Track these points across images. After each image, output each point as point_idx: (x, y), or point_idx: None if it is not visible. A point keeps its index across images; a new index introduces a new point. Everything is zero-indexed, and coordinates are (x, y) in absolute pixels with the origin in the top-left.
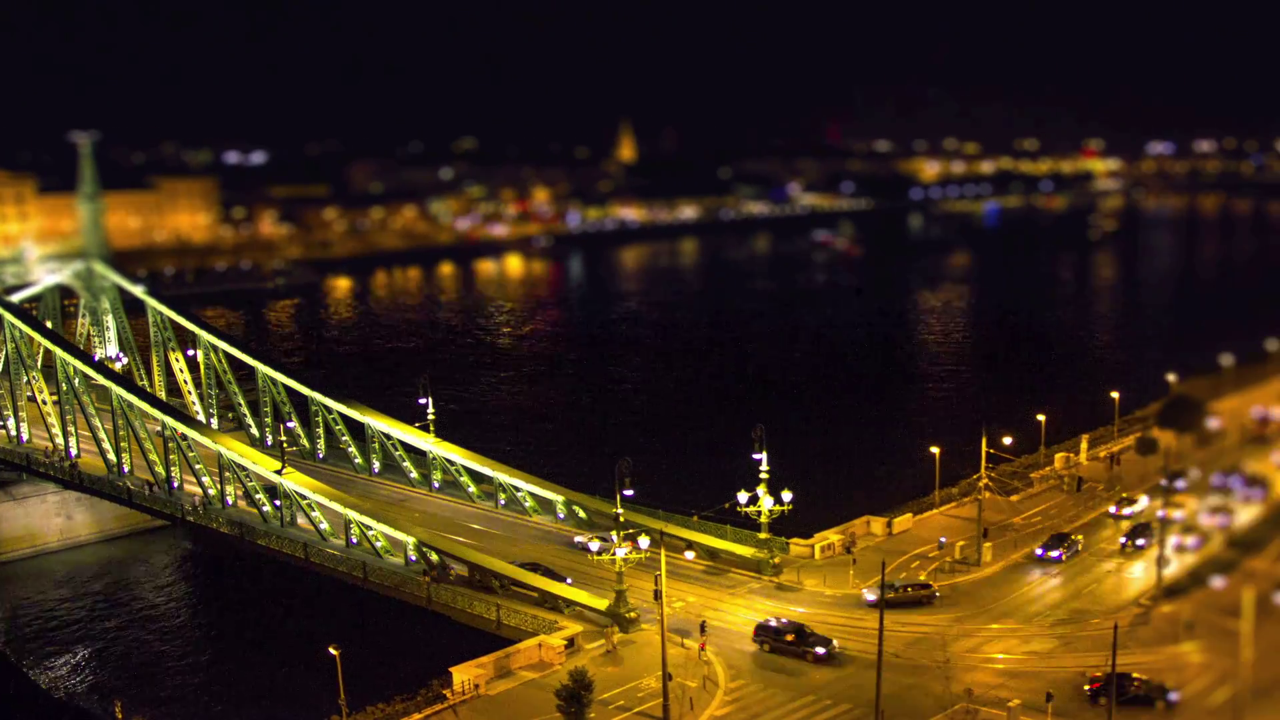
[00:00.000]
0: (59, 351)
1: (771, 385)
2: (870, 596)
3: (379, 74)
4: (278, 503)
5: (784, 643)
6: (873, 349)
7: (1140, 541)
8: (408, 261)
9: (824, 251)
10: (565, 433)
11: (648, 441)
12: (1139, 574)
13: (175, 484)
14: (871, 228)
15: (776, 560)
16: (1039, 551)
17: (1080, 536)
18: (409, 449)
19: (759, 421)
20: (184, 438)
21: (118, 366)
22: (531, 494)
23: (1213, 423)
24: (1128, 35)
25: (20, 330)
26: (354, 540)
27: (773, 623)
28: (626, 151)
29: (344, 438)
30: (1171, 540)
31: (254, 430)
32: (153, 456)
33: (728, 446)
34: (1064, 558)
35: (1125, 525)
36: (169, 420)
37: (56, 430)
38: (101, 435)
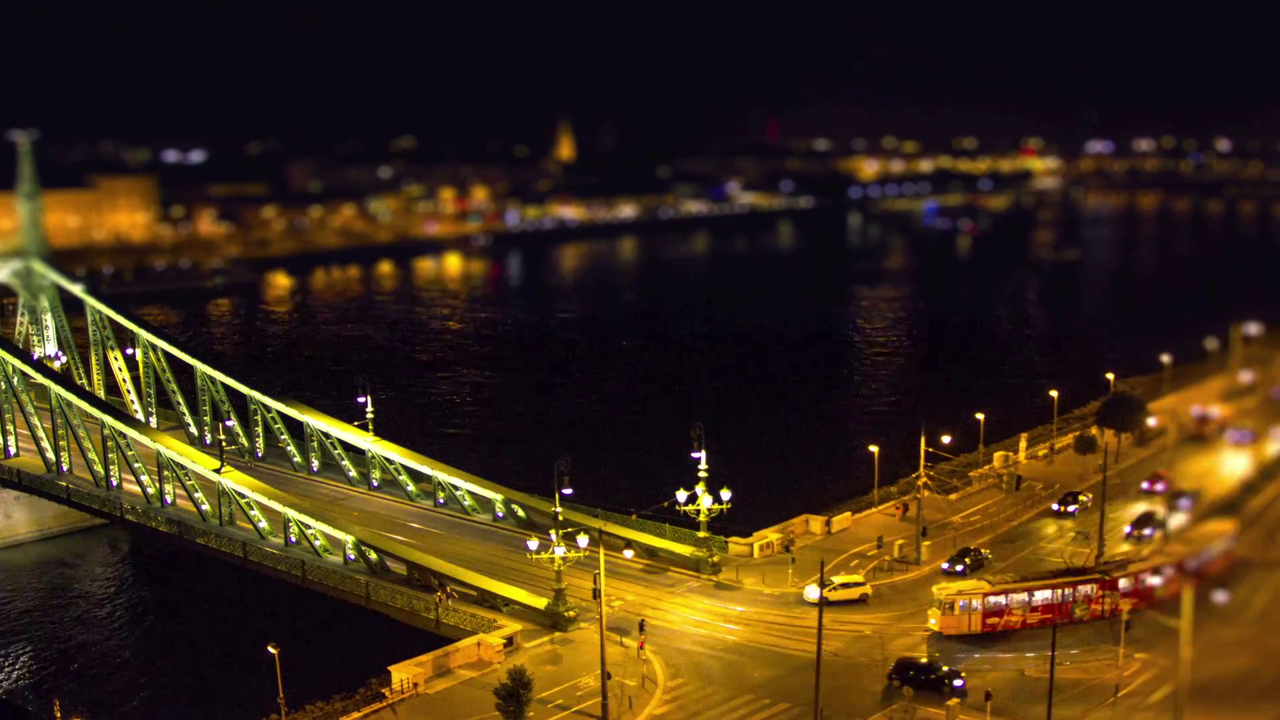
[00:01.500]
0: None
1: (710, 384)
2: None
3: (318, 73)
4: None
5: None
6: (812, 348)
7: (1071, 508)
8: (347, 260)
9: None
10: (504, 431)
11: (587, 440)
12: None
13: (114, 483)
14: (811, 227)
15: (715, 559)
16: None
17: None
18: (348, 447)
19: (698, 420)
20: (123, 436)
21: (56, 365)
22: (470, 493)
23: (1152, 421)
24: (1067, 33)
25: None
26: (293, 539)
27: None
28: (565, 150)
29: (283, 436)
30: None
31: (193, 429)
32: (92, 455)
33: (666, 445)
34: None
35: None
36: (108, 419)
37: None
38: (40, 434)
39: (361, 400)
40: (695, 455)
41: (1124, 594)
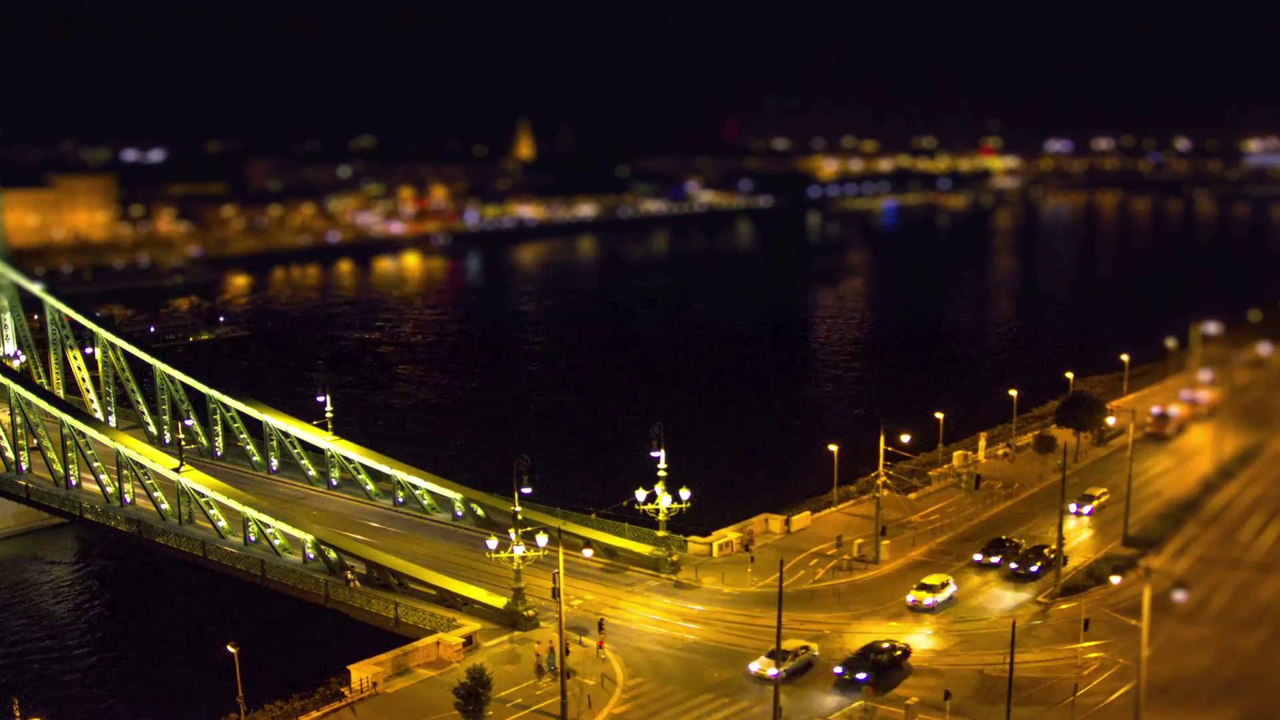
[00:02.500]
0: None
1: (670, 383)
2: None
3: (277, 72)
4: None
5: None
6: (771, 347)
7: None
8: (306, 259)
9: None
10: (463, 431)
11: (546, 439)
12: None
13: (74, 482)
14: (770, 226)
15: (675, 558)
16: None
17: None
18: (307, 447)
19: (657, 419)
20: (82, 435)
21: (16, 364)
22: (429, 492)
23: (1111, 420)
24: (1026, 33)
25: None
26: (252, 538)
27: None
28: (524, 149)
29: (242, 436)
30: None
31: (152, 428)
32: (51, 455)
33: (626, 444)
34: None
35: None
36: (67, 418)
37: None
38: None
39: (320, 399)
40: (654, 454)
41: None
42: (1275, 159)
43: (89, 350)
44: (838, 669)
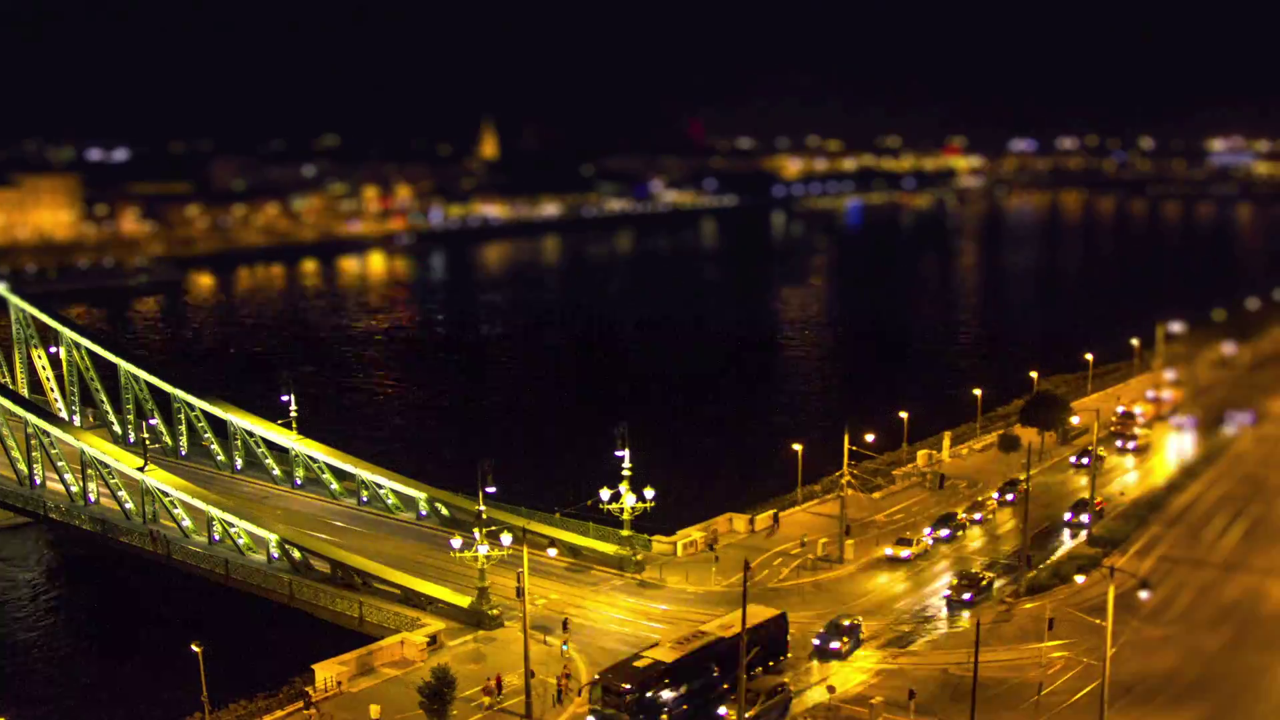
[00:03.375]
0: None
1: (634, 382)
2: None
3: (241, 71)
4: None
5: None
6: (736, 346)
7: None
8: (271, 258)
9: None
10: (428, 430)
11: (510, 439)
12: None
13: (38, 481)
14: (735, 225)
15: (639, 557)
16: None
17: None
18: (271, 446)
19: (621, 419)
20: (46, 435)
21: None
22: (394, 491)
23: (1074, 419)
24: (989, 32)
25: None
26: (216, 537)
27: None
28: (489, 149)
29: (206, 435)
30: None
31: (116, 427)
32: (15, 454)
33: (590, 444)
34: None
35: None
36: (31, 417)
37: None
38: None
39: (285, 398)
40: (619, 454)
41: None
42: (1239, 158)
43: (53, 349)
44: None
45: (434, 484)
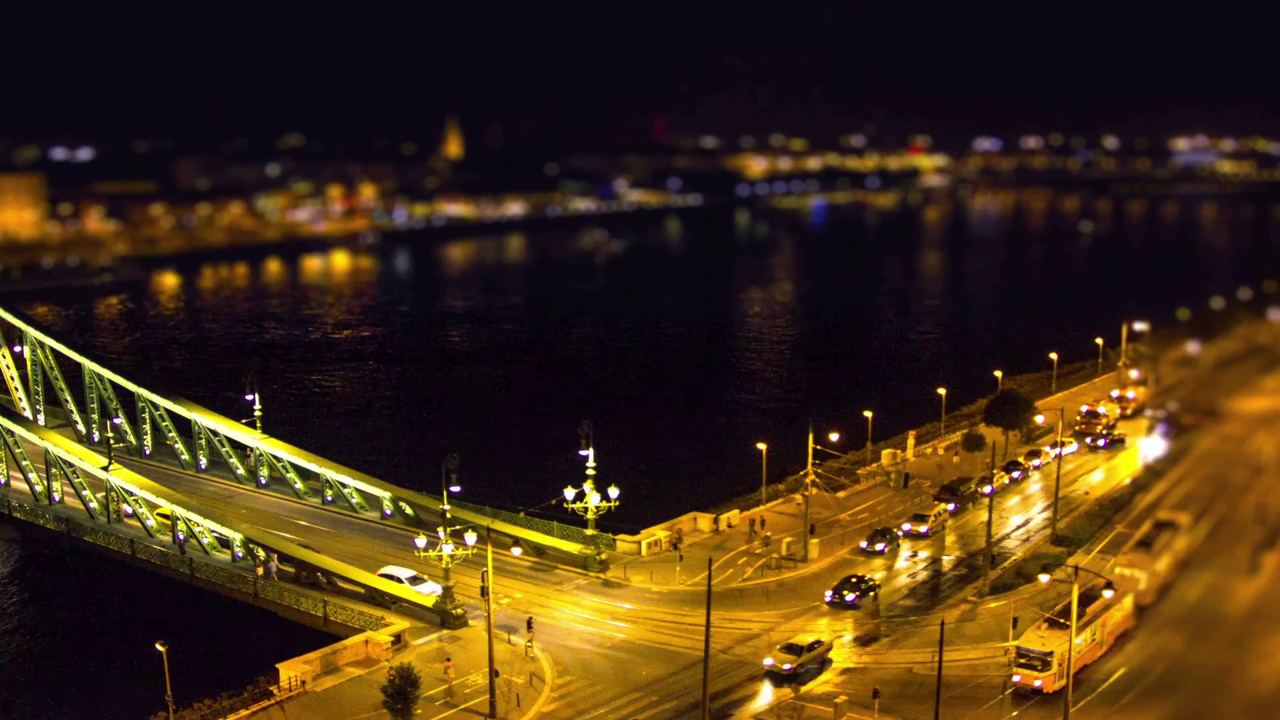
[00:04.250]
0: None
1: (598, 381)
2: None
3: (205, 70)
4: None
5: None
6: (700, 345)
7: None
8: (235, 258)
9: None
10: (392, 429)
11: (475, 438)
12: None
13: (2, 480)
14: (699, 224)
15: (603, 557)
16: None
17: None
18: (236, 445)
19: (586, 418)
20: (11, 434)
21: None
22: (358, 490)
23: (1039, 418)
24: (954, 30)
25: None
26: (181, 537)
27: None
28: (453, 148)
29: (171, 434)
30: None
31: (81, 426)
32: None
33: (554, 443)
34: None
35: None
36: None
37: None
38: None
39: (249, 397)
40: (583, 453)
41: None
42: (1203, 157)
43: (17, 349)
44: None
45: (398, 483)
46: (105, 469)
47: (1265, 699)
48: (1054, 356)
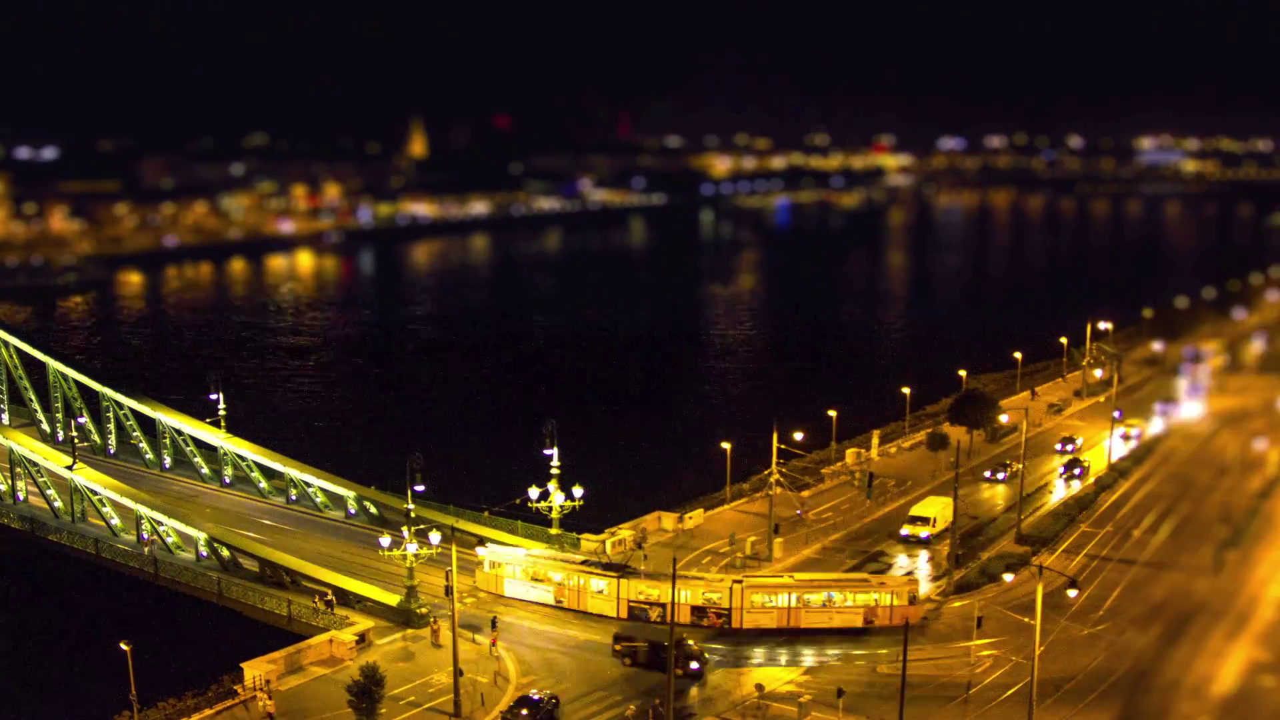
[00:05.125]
0: None
1: (563, 381)
2: None
3: (170, 69)
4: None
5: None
6: (665, 345)
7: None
8: (200, 257)
9: None
10: (357, 428)
11: (439, 437)
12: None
13: None
14: (664, 224)
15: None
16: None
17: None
18: (200, 444)
19: (550, 417)
20: None
21: None
22: (323, 489)
23: (1003, 417)
24: (919, 30)
25: None
26: (145, 536)
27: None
28: (418, 147)
29: (135, 433)
30: None
31: (45, 426)
32: None
33: (519, 442)
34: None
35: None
36: None
37: None
38: None
39: (214, 397)
40: (548, 452)
41: None
42: (1167, 156)
43: None
44: None
45: (363, 482)
46: (70, 468)
47: (1226, 698)
48: (1018, 356)
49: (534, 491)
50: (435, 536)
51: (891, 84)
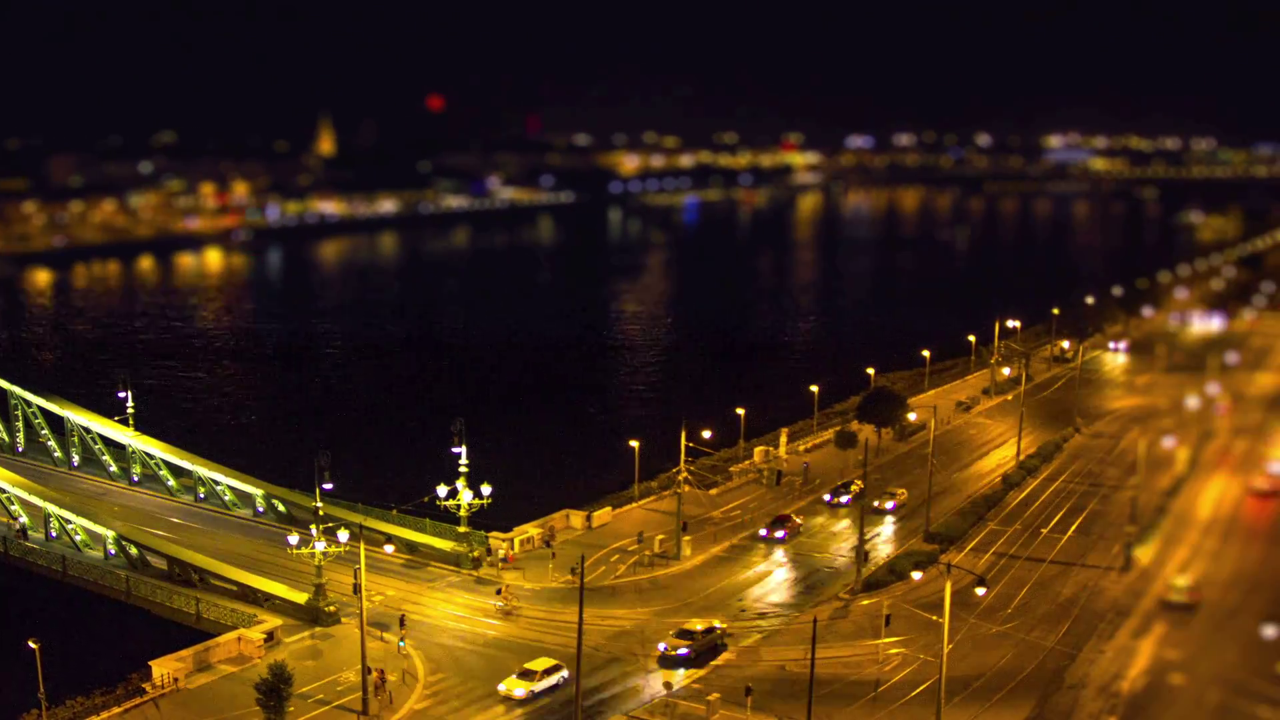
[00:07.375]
0: None
1: (471, 379)
2: None
3: (78, 67)
4: None
5: None
6: (573, 343)
7: (844, 499)
8: (108, 255)
9: None
10: (265, 426)
11: (347, 435)
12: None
13: None
14: (572, 222)
15: (476, 554)
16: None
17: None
18: (108, 442)
19: (458, 415)
20: None
21: None
22: (231, 488)
23: (912, 415)
24: (826, 28)
25: None
26: (53, 534)
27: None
28: (326, 145)
29: (43, 431)
30: None
31: None
32: None
33: (427, 441)
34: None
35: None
36: None
37: None
38: None
39: (122, 395)
40: (456, 450)
41: None
42: (1076, 155)
43: None
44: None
45: (271, 480)
46: None
47: (1134, 695)
48: (927, 354)
49: (442, 489)
50: (344, 534)
51: (800, 82)
